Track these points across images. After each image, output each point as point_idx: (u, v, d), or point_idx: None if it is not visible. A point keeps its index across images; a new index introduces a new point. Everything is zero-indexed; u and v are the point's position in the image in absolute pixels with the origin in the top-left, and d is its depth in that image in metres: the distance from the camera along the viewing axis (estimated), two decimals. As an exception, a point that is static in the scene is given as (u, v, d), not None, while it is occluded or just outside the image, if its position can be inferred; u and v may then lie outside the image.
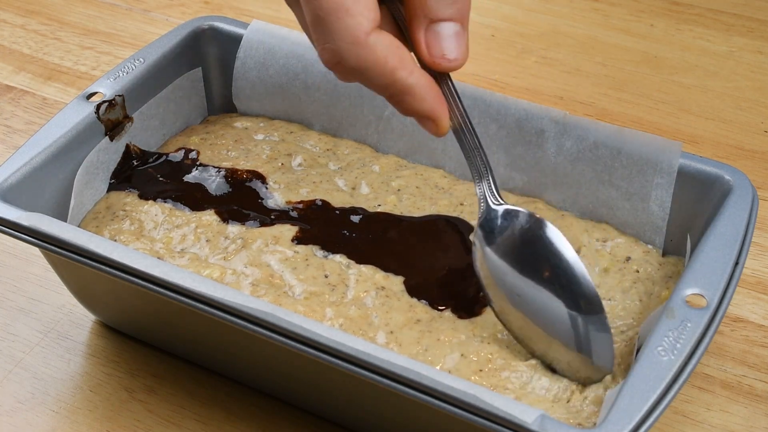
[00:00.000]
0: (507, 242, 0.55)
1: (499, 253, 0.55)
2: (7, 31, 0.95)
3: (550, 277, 0.53)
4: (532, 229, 0.54)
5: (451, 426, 0.51)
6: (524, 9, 0.98)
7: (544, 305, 0.54)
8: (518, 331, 0.56)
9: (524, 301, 0.54)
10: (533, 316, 0.54)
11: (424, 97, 0.50)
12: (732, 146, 0.81)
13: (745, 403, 0.61)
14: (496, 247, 0.55)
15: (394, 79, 0.49)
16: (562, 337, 0.54)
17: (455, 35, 0.51)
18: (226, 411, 0.61)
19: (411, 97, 0.50)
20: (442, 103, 0.52)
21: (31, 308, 0.68)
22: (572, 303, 0.53)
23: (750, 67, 0.90)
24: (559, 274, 0.53)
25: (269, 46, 0.72)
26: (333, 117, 0.72)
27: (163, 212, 0.65)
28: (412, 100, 0.50)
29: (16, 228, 0.57)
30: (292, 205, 0.66)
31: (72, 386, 0.63)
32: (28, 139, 0.63)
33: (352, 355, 0.50)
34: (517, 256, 0.54)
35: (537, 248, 0.54)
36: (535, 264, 0.54)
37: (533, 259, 0.54)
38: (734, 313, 0.67)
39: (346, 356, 0.50)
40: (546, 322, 0.54)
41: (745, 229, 0.57)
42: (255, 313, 0.52)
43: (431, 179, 0.68)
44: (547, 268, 0.54)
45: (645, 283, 0.61)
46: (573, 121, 0.65)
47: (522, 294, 0.54)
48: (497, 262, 0.55)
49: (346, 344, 0.50)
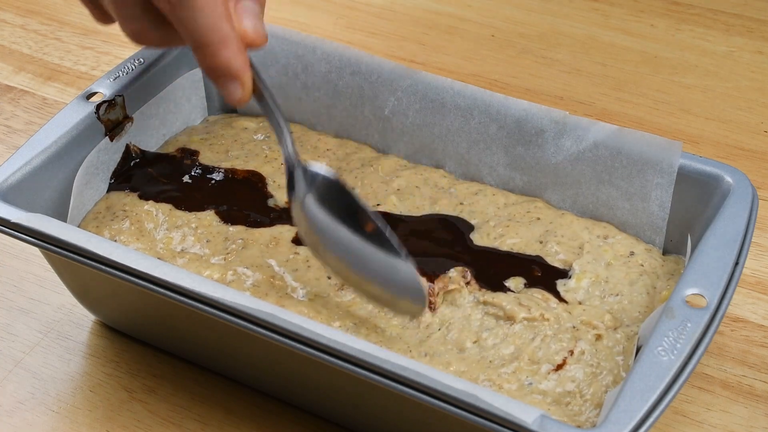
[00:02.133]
0: (314, 194, 0.57)
1: (310, 205, 0.57)
2: (7, 31, 0.95)
3: (355, 224, 0.56)
4: (330, 182, 0.56)
5: (451, 426, 0.51)
6: (524, 9, 0.98)
7: (356, 251, 0.56)
8: (340, 274, 0.58)
9: (340, 248, 0.57)
10: (349, 261, 0.57)
11: (237, 53, 0.52)
12: (732, 146, 0.81)
13: (745, 403, 0.61)
14: (305, 201, 0.57)
15: (220, 26, 0.51)
16: (377, 277, 0.56)
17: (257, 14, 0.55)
18: (226, 411, 0.61)
19: (228, 49, 0.52)
20: (249, 66, 0.54)
21: (31, 308, 0.68)
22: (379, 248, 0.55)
23: (750, 67, 0.90)
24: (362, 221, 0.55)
25: (269, 46, 0.72)
26: (333, 117, 0.72)
27: (163, 213, 0.65)
28: (229, 53, 0.52)
29: (16, 228, 0.57)
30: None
31: (72, 386, 0.63)
32: (28, 139, 0.63)
33: (352, 355, 0.50)
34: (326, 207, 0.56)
35: (339, 199, 0.56)
36: (341, 213, 0.56)
37: (339, 210, 0.56)
38: (734, 313, 0.67)
39: (347, 356, 0.50)
40: (360, 264, 0.56)
41: (745, 229, 0.57)
42: (255, 314, 0.52)
43: (431, 179, 0.68)
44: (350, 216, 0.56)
45: (651, 276, 0.61)
46: (573, 121, 0.65)
47: (338, 241, 0.56)
48: (309, 214, 0.57)
49: (346, 344, 0.50)
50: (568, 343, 0.57)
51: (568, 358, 0.56)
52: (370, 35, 0.95)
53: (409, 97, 0.69)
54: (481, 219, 0.65)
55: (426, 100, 0.68)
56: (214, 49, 0.52)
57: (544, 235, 0.64)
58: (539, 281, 0.61)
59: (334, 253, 0.57)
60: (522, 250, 0.63)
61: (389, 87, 0.69)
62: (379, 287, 0.57)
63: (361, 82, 0.70)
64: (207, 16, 0.51)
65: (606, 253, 0.63)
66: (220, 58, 0.52)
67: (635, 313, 0.59)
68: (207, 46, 0.52)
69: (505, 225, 0.65)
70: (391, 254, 0.55)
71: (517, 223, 0.65)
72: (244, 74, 0.53)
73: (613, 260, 0.62)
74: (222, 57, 0.52)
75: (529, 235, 0.64)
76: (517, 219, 0.65)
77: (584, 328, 0.58)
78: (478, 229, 0.65)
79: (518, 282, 0.61)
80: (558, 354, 0.56)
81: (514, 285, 0.61)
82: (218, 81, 0.54)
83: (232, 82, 0.53)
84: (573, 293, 0.60)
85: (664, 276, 0.62)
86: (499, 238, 0.64)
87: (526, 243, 0.63)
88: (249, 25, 0.54)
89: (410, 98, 0.69)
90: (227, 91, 0.54)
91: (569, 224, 0.65)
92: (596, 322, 0.58)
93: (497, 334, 0.58)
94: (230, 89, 0.54)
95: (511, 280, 0.61)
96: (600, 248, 0.63)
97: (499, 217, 0.66)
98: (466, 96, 0.67)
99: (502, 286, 0.60)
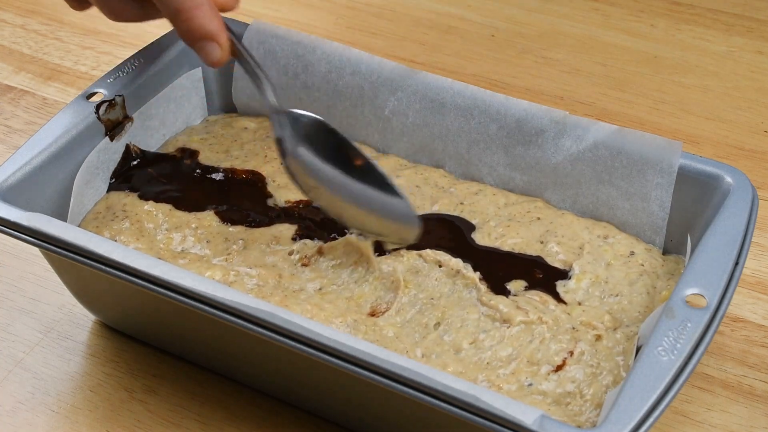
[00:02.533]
0: (302, 137, 0.60)
1: (303, 150, 0.60)
2: (7, 31, 0.95)
3: (346, 161, 0.59)
4: (318, 125, 0.59)
5: (451, 426, 0.51)
6: (524, 9, 0.98)
7: (350, 185, 0.59)
8: (341, 214, 0.61)
9: (335, 186, 0.60)
10: (345, 196, 0.60)
11: (211, 16, 0.56)
12: (732, 146, 0.81)
13: (745, 403, 0.61)
14: (299, 147, 0.59)
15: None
16: (373, 207, 0.59)
17: None
18: (226, 411, 0.61)
19: (202, 12, 0.56)
20: (224, 28, 0.58)
21: (31, 308, 0.68)
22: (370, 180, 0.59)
23: (750, 67, 0.90)
24: (351, 157, 0.59)
25: (269, 46, 0.72)
26: (333, 117, 0.72)
27: (163, 213, 0.65)
28: (203, 17, 0.56)
29: (16, 228, 0.57)
30: (291, 204, 0.66)
31: (72, 386, 0.63)
32: (28, 139, 0.63)
33: (352, 355, 0.50)
34: (315, 148, 0.59)
35: (326, 139, 0.59)
36: (330, 152, 0.59)
37: (327, 149, 0.59)
38: (734, 313, 0.67)
39: (347, 356, 0.50)
40: (355, 198, 0.59)
41: (745, 229, 0.57)
42: (255, 313, 0.52)
43: (431, 178, 0.68)
44: (340, 153, 0.59)
45: (651, 276, 0.61)
46: (573, 121, 0.65)
47: (332, 180, 0.59)
48: (301, 158, 0.60)
49: (346, 344, 0.50)
50: (567, 344, 0.57)
51: (567, 358, 0.56)
52: (370, 35, 0.95)
53: (409, 97, 0.69)
54: (482, 219, 0.65)
55: (426, 100, 0.68)
56: (189, 14, 0.56)
57: (545, 235, 0.64)
58: (539, 283, 0.61)
59: (330, 192, 0.60)
60: (523, 250, 0.63)
61: (389, 87, 0.69)
62: (375, 216, 0.59)
63: (361, 82, 0.70)
64: None
65: (606, 253, 0.63)
66: (195, 22, 0.56)
67: (635, 313, 0.59)
68: (181, 12, 0.56)
69: (505, 225, 0.65)
70: (382, 184, 0.58)
71: (517, 223, 0.65)
72: (220, 35, 0.57)
73: (614, 260, 0.62)
74: (197, 21, 0.56)
75: (529, 235, 0.64)
76: (518, 219, 0.65)
77: (584, 329, 0.58)
78: (479, 228, 0.65)
79: (519, 285, 0.61)
80: (558, 355, 0.56)
81: (515, 287, 0.61)
82: (196, 45, 0.57)
83: (209, 43, 0.57)
84: (572, 294, 0.60)
85: (664, 276, 0.62)
86: (500, 238, 0.64)
87: (526, 243, 0.63)
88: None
89: (410, 98, 0.69)
90: (206, 52, 0.57)
91: (569, 224, 0.65)
92: (596, 322, 0.58)
93: (494, 336, 0.58)
94: (208, 50, 0.57)
95: (513, 283, 0.61)
96: (600, 248, 0.63)
97: (499, 216, 0.66)
98: (466, 96, 0.67)
99: (504, 288, 0.60)
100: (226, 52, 0.58)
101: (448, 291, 0.60)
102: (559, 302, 0.60)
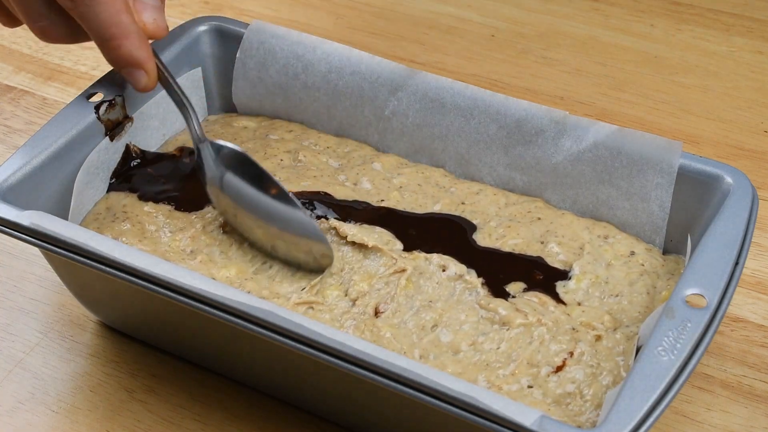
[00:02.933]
0: (224, 167, 0.62)
1: (222, 178, 0.62)
2: (7, 31, 0.95)
3: (262, 188, 0.61)
4: (238, 156, 0.61)
5: (451, 426, 0.51)
6: (524, 9, 0.98)
7: (268, 212, 0.61)
8: (260, 240, 0.62)
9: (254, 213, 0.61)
10: (263, 223, 0.61)
11: (140, 45, 0.57)
12: (732, 146, 0.81)
13: (745, 403, 0.61)
14: (218, 175, 0.62)
15: (120, 20, 0.56)
16: (291, 236, 0.61)
17: (157, 8, 0.60)
18: (226, 411, 0.61)
19: (130, 41, 0.57)
20: (152, 56, 0.59)
21: (31, 308, 0.68)
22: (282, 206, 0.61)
23: (750, 67, 0.90)
24: (267, 186, 0.61)
25: (269, 46, 0.72)
26: (333, 117, 0.72)
27: (163, 214, 0.65)
28: (131, 45, 0.57)
29: (16, 228, 0.57)
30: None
31: (72, 386, 0.63)
32: (28, 139, 0.63)
33: (352, 355, 0.50)
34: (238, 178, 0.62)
35: (245, 169, 0.61)
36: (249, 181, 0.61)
37: (247, 178, 0.61)
38: (734, 313, 0.67)
39: (346, 356, 0.50)
40: (273, 224, 0.61)
41: (745, 229, 0.57)
42: (254, 312, 0.52)
43: (432, 177, 0.69)
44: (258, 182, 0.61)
45: (651, 276, 0.61)
46: (573, 121, 0.65)
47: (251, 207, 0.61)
48: (223, 187, 0.62)
49: (346, 344, 0.50)
50: (567, 345, 0.57)
51: (567, 359, 0.56)
52: (370, 35, 0.95)
53: (409, 97, 0.69)
54: (483, 219, 0.65)
55: (426, 100, 0.68)
56: (117, 42, 0.57)
57: (545, 236, 0.64)
58: (539, 284, 0.61)
59: (249, 219, 0.62)
60: (523, 251, 0.63)
61: (389, 87, 0.69)
62: (292, 243, 0.61)
63: (361, 82, 0.70)
64: (107, 11, 0.56)
65: (606, 253, 0.63)
66: (123, 50, 0.57)
67: (635, 314, 0.59)
68: (110, 40, 0.57)
69: (506, 225, 0.65)
70: (296, 211, 0.60)
71: (518, 224, 0.65)
72: (148, 63, 0.59)
73: (614, 260, 0.62)
74: (124, 49, 0.57)
75: (529, 236, 0.64)
76: (518, 219, 0.65)
77: (583, 330, 0.58)
78: (480, 229, 0.65)
79: (518, 287, 0.61)
80: (558, 355, 0.56)
81: (514, 289, 0.61)
82: (123, 71, 0.59)
83: (137, 71, 0.59)
84: (572, 294, 0.60)
85: (664, 276, 0.62)
86: (501, 238, 0.64)
87: (527, 244, 0.63)
88: (149, 18, 0.60)
89: (410, 98, 0.69)
90: (133, 80, 0.59)
91: (569, 224, 0.65)
92: (595, 323, 0.58)
93: (493, 338, 0.58)
94: (136, 77, 0.59)
95: (512, 285, 0.61)
96: (600, 248, 0.63)
97: (500, 217, 0.66)
98: (466, 96, 0.67)
99: (503, 291, 0.60)
100: (153, 80, 0.60)
101: (447, 294, 0.60)
102: (559, 303, 0.60)
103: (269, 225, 0.61)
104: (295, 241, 0.61)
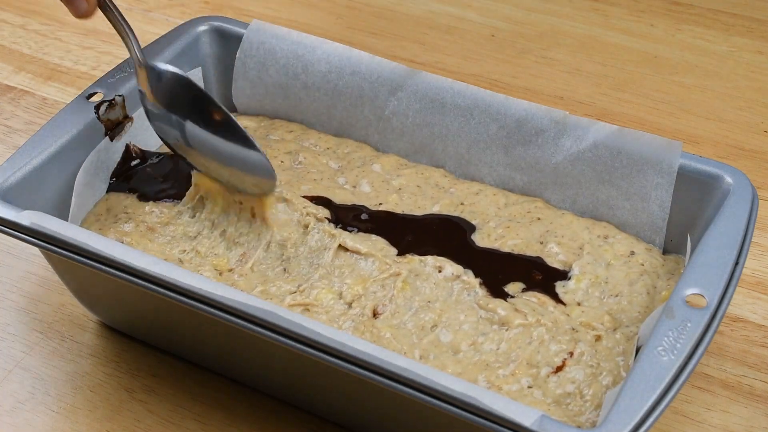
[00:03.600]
0: (168, 94, 0.62)
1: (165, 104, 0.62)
2: (7, 31, 0.95)
3: (205, 115, 0.61)
4: (180, 80, 0.62)
5: (451, 427, 0.51)
6: (524, 9, 0.98)
7: (210, 139, 0.61)
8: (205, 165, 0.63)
9: (197, 139, 0.62)
10: (206, 149, 0.62)
11: None
12: (732, 146, 0.81)
13: (745, 403, 0.61)
14: (161, 100, 0.62)
15: None
16: (231, 159, 0.61)
17: None
18: (226, 411, 0.61)
19: None
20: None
21: (31, 308, 0.68)
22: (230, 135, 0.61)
23: (750, 67, 0.90)
24: (210, 111, 0.61)
25: (269, 46, 0.72)
26: (333, 117, 0.72)
27: (164, 215, 0.65)
28: None
29: (16, 228, 0.57)
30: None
31: (72, 386, 0.63)
32: (28, 139, 0.63)
33: (352, 355, 0.50)
34: (181, 104, 0.62)
35: (188, 94, 0.62)
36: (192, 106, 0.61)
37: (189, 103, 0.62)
38: (734, 313, 0.67)
39: (346, 356, 0.50)
40: (215, 150, 0.61)
41: (745, 229, 0.57)
42: (254, 313, 0.52)
43: (432, 178, 0.68)
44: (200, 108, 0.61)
45: (651, 276, 0.61)
46: (573, 121, 0.65)
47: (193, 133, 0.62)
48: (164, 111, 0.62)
49: (346, 344, 0.50)
50: (567, 345, 0.57)
51: (567, 359, 0.56)
52: (370, 35, 0.95)
53: (409, 97, 0.69)
54: (482, 219, 0.65)
55: (426, 100, 0.68)
56: None
57: (545, 236, 0.64)
58: (539, 284, 0.61)
59: (192, 145, 0.62)
60: (523, 251, 0.63)
61: (389, 87, 0.69)
62: (234, 168, 0.61)
63: (361, 82, 0.70)
64: None
65: (606, 253, 0.63)
66: None
67: (635, 314, 0.59)
68: None
69: (505, 226, 0.65)
70: (239, 137, 0.60)
71: (517, 224, 0.65)
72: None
73: (614, 260, 0.62)
74: None
75: (529, 236, 0.64)
76: (518, 219, 0.65)
77: (583, 330, 0.58)
78: (479, 230, 0.65)
79: (518, 287, 0.61)
80: (557, 356, 0.56)
81: (514, 290, 0.61)
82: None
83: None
84: (572, 294, 0.60)
85: (664, 276, 0.62)
86: (500, 239, 0.64)
87: (526, 244, 0.63)
88: None
89: (410, 98, 0.69)
90: (73, 6, 0.60)
91: (569, 224, 0.65)
92: (595, 323, 0.58)
93: (493, 338, 0.58)
94: (76, 4, 0.60)
95: (511, 285, 0.61)
96: (600, 248, 0.63)
97: (499, 217, 0.66)
98: (466, 96, 0.67)
99: (502, 291, 0.60)
100: (93, 5, 0.61)
101: (445, 294, 0.60)
102: (558, 303, 0.60)
103: (212, 151, 0.62)
104: (241, 177, 0.62)
